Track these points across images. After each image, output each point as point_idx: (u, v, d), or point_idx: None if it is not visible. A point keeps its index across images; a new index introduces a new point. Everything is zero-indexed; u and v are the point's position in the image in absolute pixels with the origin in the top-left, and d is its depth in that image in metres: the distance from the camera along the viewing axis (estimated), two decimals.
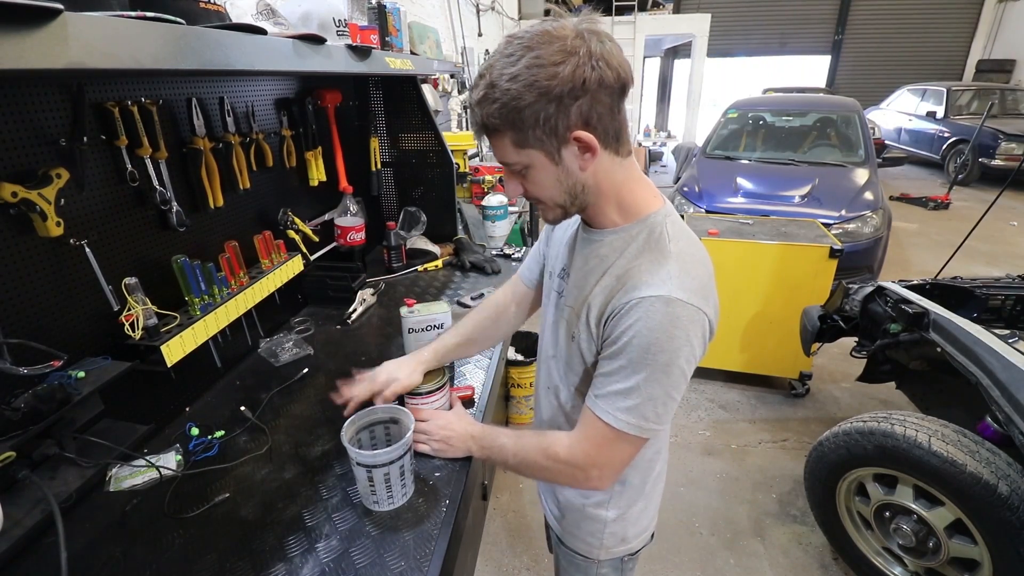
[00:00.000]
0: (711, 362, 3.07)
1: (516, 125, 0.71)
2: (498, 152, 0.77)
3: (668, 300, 0.73)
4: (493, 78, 0.70)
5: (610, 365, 0.79)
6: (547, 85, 0.67)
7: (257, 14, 1.27)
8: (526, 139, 0.73)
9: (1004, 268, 4.56)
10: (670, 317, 0.73)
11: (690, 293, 0.74)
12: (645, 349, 0.74)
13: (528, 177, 0.78)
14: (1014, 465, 1.47)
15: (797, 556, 2.04)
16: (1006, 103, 8.41)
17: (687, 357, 0.75)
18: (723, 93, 10.49)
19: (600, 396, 0.80)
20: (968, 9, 11.03)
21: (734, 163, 4.70)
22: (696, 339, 0.75)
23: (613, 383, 0.78)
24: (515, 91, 0.68)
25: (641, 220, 0.81)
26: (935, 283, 2.13)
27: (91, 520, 0.96)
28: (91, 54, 0.57)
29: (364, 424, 1.05)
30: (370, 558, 0.88)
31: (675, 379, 0.76)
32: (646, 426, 0.77)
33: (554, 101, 0.68)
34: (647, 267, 0.77)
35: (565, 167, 0.75)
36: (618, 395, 0.77)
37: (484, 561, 2.01)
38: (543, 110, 0.69)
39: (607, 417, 0.78)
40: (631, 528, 1.02)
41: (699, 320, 0.75)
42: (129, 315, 1.08)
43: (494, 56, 0.72)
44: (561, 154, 0.74)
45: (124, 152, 1.09)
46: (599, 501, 0.99)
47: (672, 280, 0.74)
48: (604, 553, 1.03)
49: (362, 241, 2.02)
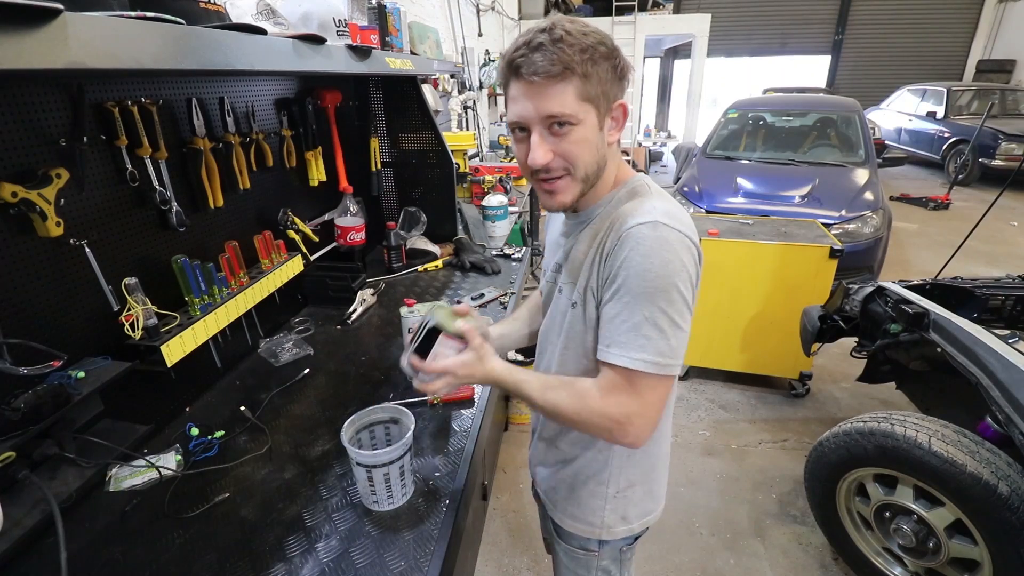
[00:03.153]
0: (711, 362, 3.07)
1: (587, 74, 0.75)
2: (555, 100, 0.75)
3: (655, 225, 0.76)
4: (567, 29, 0.74)
5: (613, 308, 0.79)
6: (613, 52, 0.77)
7: (257, 14, 1.27)
8: (589, 92, 0.76)
9: (1004, 268, 4.56)
10: (660, 240, 0.75)
11: (675, 221, 0.78)
12: (642, 276, 0.75)
13: (570, 135, 0.78)
14: (1014, 465, 1.47)
15: (797, 556, 2.04)
16: (1006, 103, 8.41)
17: (684, 281, 0.77)
18: (723, 93, 10.50)
19: (611, 344, 0.79)
20: (968, 9, 11.03)
21: (734, 163, 4.70)
22: (689, 263, 0.77)
23: (619, 324, 0.78)
24: (591, 43, 0.75)
25: (623, 184, 0.89)
26: (935, 283, 2.13)
27: (91, 520, 0.96)
28: (91, 54, 0.57)
29: (364, 424, 1.05)
30: (370, 558, 0.88)
31: (678, 305, 0.76)
32: (663, 361, 0.76)
33: (614, 69, 0.78)
34: (632, 208, 0.82)
35: (602, 136, 0.81)
36: (627, 334, 0.77)
37: (484, 561, 2.01)
38: (608, 71, 0.77)
39: (622, 361, 0.77)
40: (632, 508, 1.01)
41: (687, 245, 0.78)
42: (129, 315, 1.08)
43: (551, 19, 0.77)
44: (605, 120, 0.81)
45: (124, 152, 1.09)
46: (601, 479, 0.98)
47: (656, 211, 0.79)
48: (605, 532, 1.01)
49: (362, 241, 2.02)
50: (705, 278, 2.94)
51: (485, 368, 0.87)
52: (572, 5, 9.27)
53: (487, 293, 1.90)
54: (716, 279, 2.79)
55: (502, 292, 1.92)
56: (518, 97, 0.78)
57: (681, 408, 2.91)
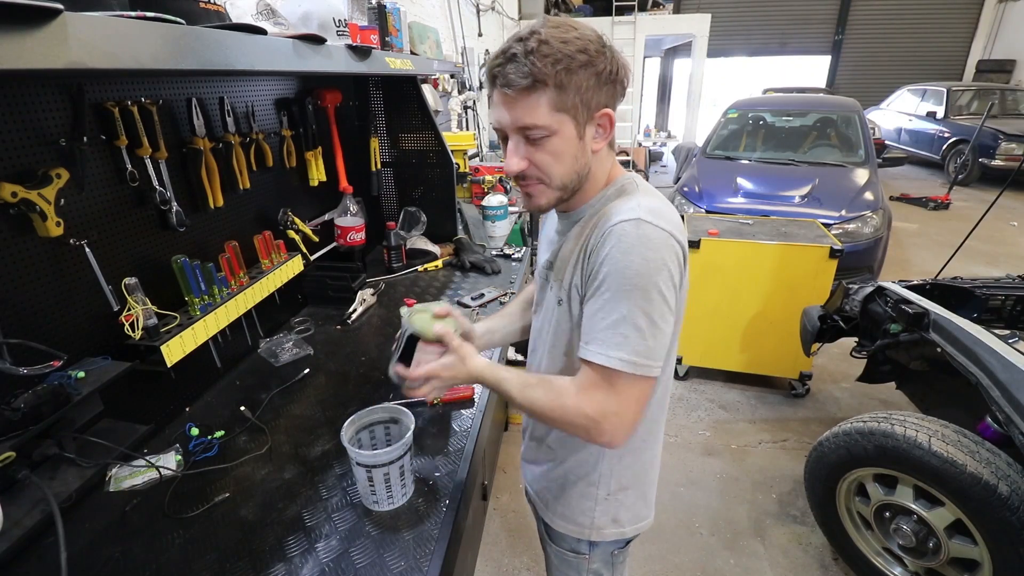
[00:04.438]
0: (711, 362, 3.07)
1: (561, 84, 0.73)
2: (528, 112, 0.75)
3: (638, 223, 0.76)
4: (544, 37, 0.73)
5: (594, 305, 0.79)
6: (595, 59, 0.74)
7: (257, 14, 1.27)
8: (565, 102, 0.75)
9: (1004, 268, 4.56)
10: (641, 239, 0.75)
11: (659, 219, 0.77)
12: (622, 274, 0.75)
13: (546, 146, 0.78)
14: (1014, 465, 1.47)
15: (797, 556, 2.04)
16: (1006, 103, 8.40)
17: (665, 281, 0.76)
18: (723, 93, 10.48)
19: (590, 341, 0.78)
20: (968, 9, 11.02)
21: (734, 163, 4.70)
22: (672, 263, 0.77)
23: (598, 321, 0.78)
24: (569, 52, 0.73)
25: (613, 182, 0.88)
26: (935, 283, 2.13)
27: (91, 520, 0.96)
28: (91, 54, 0.57)
29: (364, 424, 1.05)
30: (370, 558, 0.88)
31: (657, 305, 0.75)
32: (640, 361, 0.75)
33: (596, 76, 0.75)
34: (617, 206, 0.81)
35: (584, 145, 0.80)
36: (605, 331, 0.76)
37: (484, 561, 2.01)
38: (587, 80, 0.75)
39: (599, 359, 0.76)
40: (624, 512, 1.01)
41: (671, 244, 0.77)
42: (129, 315, 1.08)
43: (535, 24, 0.75)
44: (585, 129, 0.79)
45: (124, 152, 1.09)
46: (591, 480, 0.98)
47: (641, 208, 0.78)
48: (595, 534, 1.01)
49: (362, 241, 2.02)
50: (705, 278, 2.91)
51: (468, 368, 0.88)
52: (572, 5, 9.26)
53: (487, 293, 1.90)
54: (716, 279, 2.79)
55: (502, 292, 1.92)
56: (496, 105, 0.79)
57: (681, 408, 2.91)
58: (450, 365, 0.87)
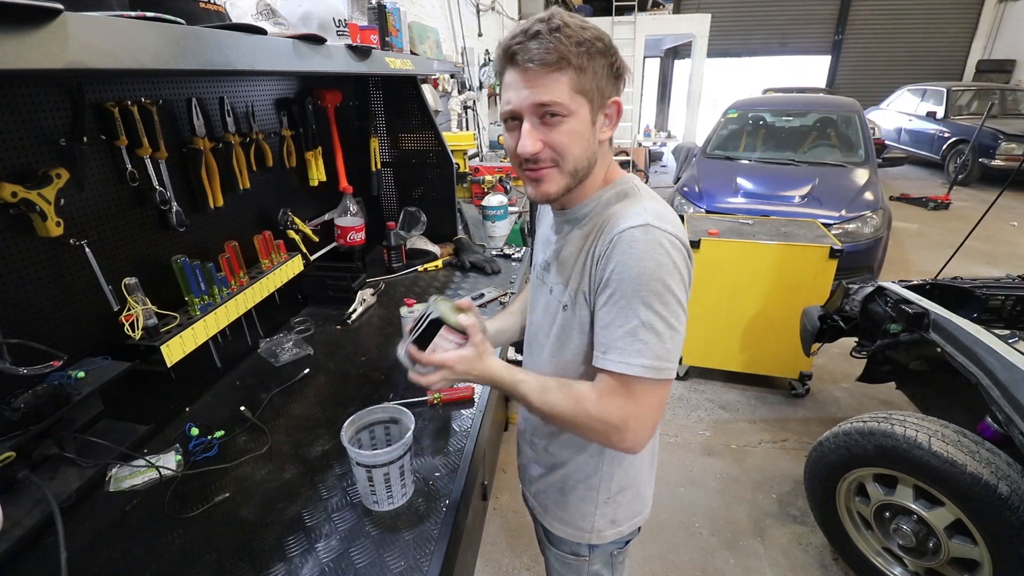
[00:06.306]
0: (711, 362, 3.07)
1: (582, 67, 0.75)
2: (549, 89, 0.75)
3: (646, 228, 0.76)
4: (566, 21, 0.74)
5: (608, 314, 0.78)
6: (610, 49, 0.78)
7: (257, 14, 1.27)
8: (584, 85, 0.76)
9: (1004, 268, 4.56)
10: (651, 243, 0.75)
11: (665, 222, 0.78)
12: (636, 280, 0.75)
13: (562, 127, 0.77)
14: (1014, 465, 1.47)
15: (797, 556, 2.04)
16: (1006, 103, 8.41)
17: (678, 283, 0.76)
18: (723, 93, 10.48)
19: (608, 350, 0.78)
20: (968, 9, 11.03)
21: (734, 163, 4.70)
22: (681, 264, 0.77)
23: (615, 329, 0.77)
24: (588, 38, 0.75)
25: (612, 184, 0.88)
26: (935, 283, 2.13)
27: (91, 520, 0.96)
28: (91, 54, 0.57)
29: (364, 424, 1.05)
30: (370, 558, 0.88)
31: (672, 307, 0.76)
32: (659, 365, 0.76)
33: (610, 66, 0.78)
34: (621, 211, 0.82)
35: (595, 131, 0.81)
36: (623, 339, 0.76)
37: (484, 561, 2.01)
38: (603, 67, 0.77)
39: (620, 368, 0.76)
40: (622, 512, 1.01)
41: (679, 247, 0.78)
42: (129, 315, 1.08)
43: (552, 10, 0.77)
44: (598, 116, 0.80)
45: (124, 152, 1.09)
46: (592, 483, 0.98)
47: (647, 213, 0.79)
48: (595, 537, 1.01)
49: (362, 241, 2.02)
50: (705, 278, 2.92)
51: (483, 366, 0.86)
52: (572, 5, 9.26)
53: (487, 293, 1.90)
54: (716, 279, 2.79)
55: (502, 292, 1.92)
56: (512, 84, 0.78)
57: (681, 408, 2.91)
58: (467, 358, 0.85)
